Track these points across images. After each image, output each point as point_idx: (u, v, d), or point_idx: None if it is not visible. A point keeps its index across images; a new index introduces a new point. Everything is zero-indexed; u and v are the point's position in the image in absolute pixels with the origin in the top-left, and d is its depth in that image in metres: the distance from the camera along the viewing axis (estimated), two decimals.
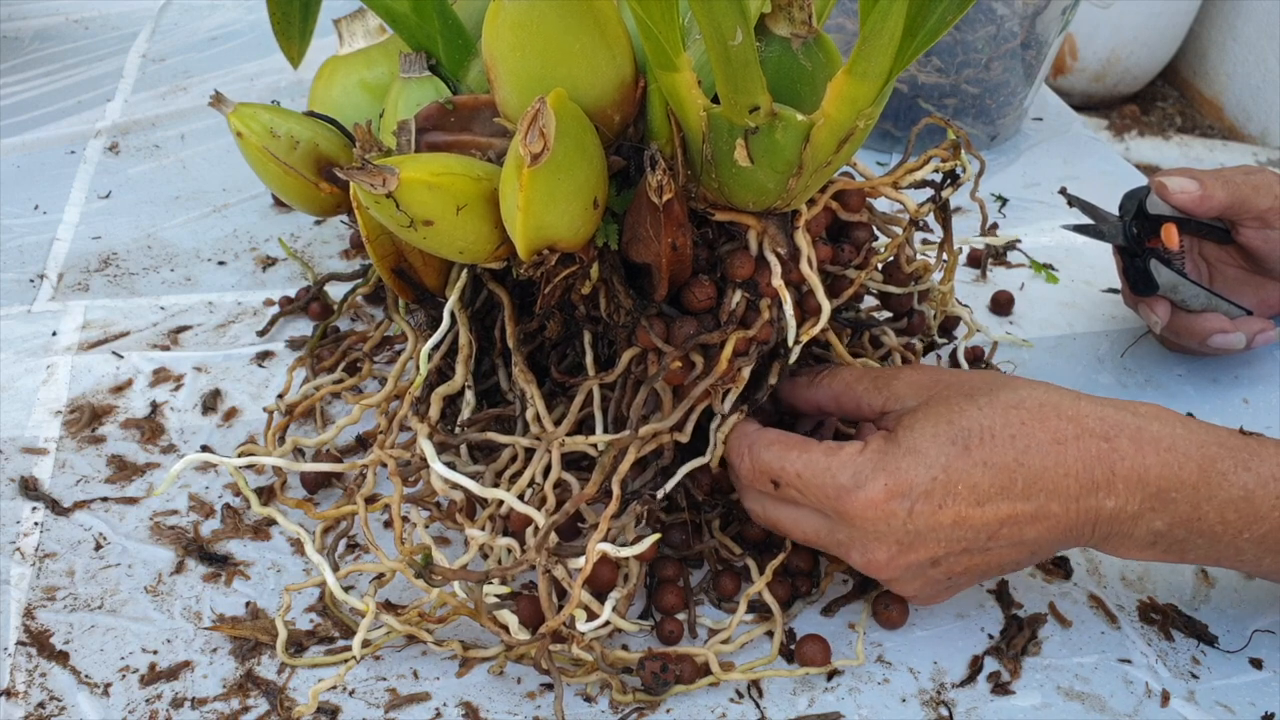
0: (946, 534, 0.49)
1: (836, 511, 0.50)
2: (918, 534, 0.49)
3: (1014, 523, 0.49)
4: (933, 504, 0.49)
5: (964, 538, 0.49)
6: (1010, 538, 0.50)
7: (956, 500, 0.49)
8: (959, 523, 0.49)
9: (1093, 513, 0.49)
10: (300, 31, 0.64)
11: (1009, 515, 0.49)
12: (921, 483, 0.49)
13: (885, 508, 0.49)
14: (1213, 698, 0.53)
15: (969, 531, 0.49)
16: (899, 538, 0.49)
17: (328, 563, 0.54)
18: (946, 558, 0.50)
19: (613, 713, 0.52)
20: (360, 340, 0.71)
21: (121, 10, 1.17)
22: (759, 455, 0.52)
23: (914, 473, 0.49)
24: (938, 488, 0.49)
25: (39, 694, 0.52)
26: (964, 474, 0.49)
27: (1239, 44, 2.25)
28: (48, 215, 0.86)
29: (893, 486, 0.49)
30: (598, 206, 0.48)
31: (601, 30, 0.47)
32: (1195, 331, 0.69)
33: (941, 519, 0.49)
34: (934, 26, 0.42)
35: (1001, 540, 0.50)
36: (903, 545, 0.50)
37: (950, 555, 0.50)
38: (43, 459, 0.64)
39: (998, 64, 0.90)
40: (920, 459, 0.49)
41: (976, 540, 0.49)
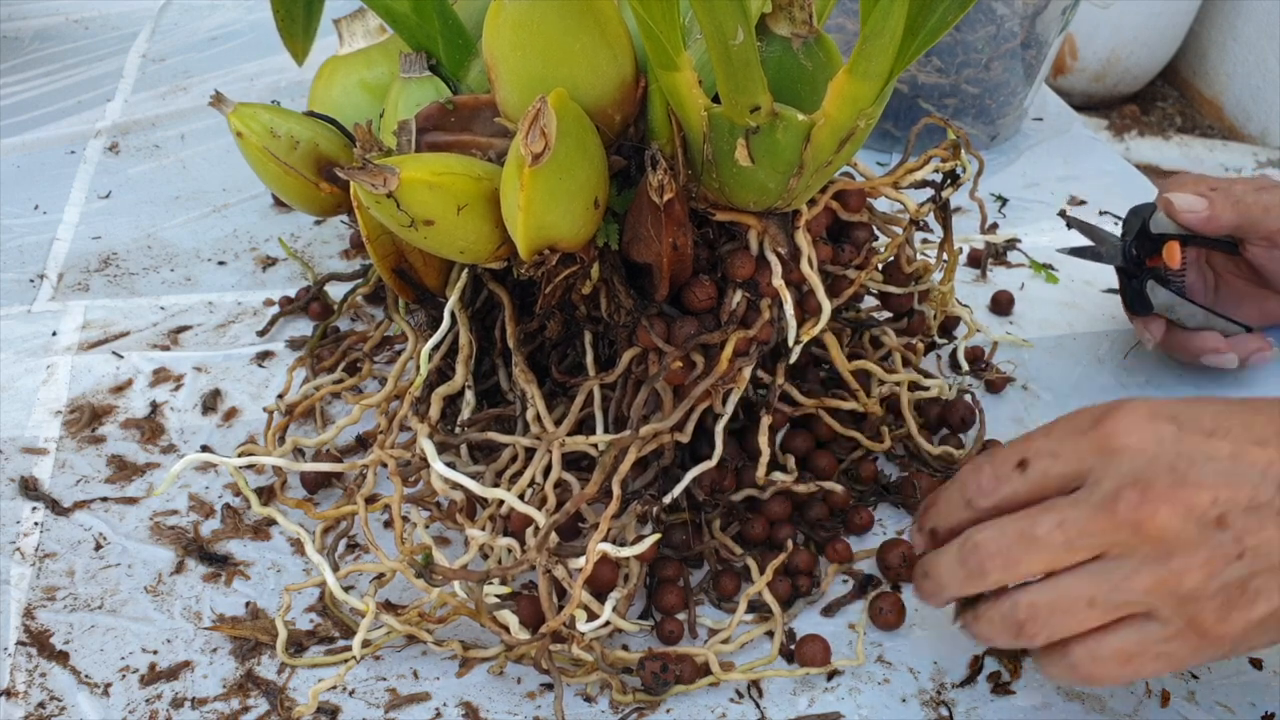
0: (1227, 470, 0.42)
1: (1097, 444, 0.44)
2: (1192, 462, 0.42)
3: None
4: (1203, 432, 0.43)
5: (1248, 479, 0.42)
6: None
7: (1231, 435, 0.43)
8: (1238, 457, 0.42)
9: None
10: (304, 29, 0.64)
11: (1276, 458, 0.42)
12: (1188, 413, 0.43)
13: (1152, 424, 0.43)
14: (1213, 698, 0.53)
15: (1253, 472, 0.42)
16: (1171, 462, 0.42)
17: (328, 563, 0.54)
18: (1234, 510, 0.42)
19: (613, 713, 0.52)
20: (360, 340, 0.71)
21: (121, 10, 1.17)
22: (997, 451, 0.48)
23: (1173, 404, 0.44)
24: (1205, 419, 0.43)
25: (39, 694, 0.52)
26: (1234, 413, 0.43)
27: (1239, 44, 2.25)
28: (48, 215, 0.85)
29: (1157, 408, 0.44)
30: (599, 206, 0.48)
31: (602, 30, 0.47)
32: (1189, 349, 0.69)
33: (1217, 449, 0.43)
34: (934, 26, 0.42)
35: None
36: (1177, 475, 0.42)
37: (1238, 506, 0.42)
38: (43, 459, 0.64)
39: (998, 64, 0.90)
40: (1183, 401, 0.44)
41: (1263, 488, 0.42)
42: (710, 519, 0.58)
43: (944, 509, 0.49)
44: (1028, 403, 0.70)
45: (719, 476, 0.57)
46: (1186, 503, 0.42)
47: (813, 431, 0.62)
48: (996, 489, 0.47)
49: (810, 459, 0.62)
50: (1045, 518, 0.45)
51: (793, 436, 0.62)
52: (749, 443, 0.60)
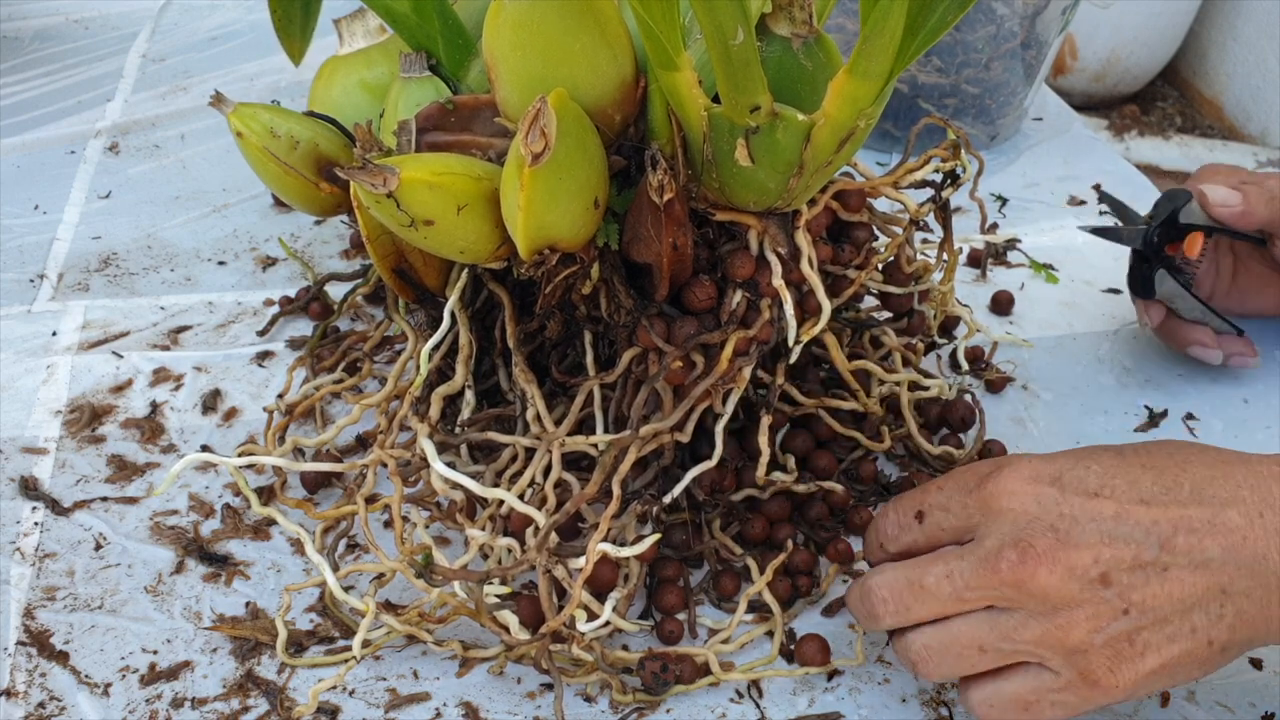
0: (1109, 530, 0.43)
1: (981, 503, 0.45)
2: (1074, 521, 0.43)
3: (1189, 529, 0.43)
4: (1086, 493, 0.44)
5: (1131, 537, 0.43)
6: (1189, 551, 0.43)
7: (1115, 494, 0.44)
8: (1121, 517, 0.43)
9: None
10: (301, 29, 0.64)
11: (1180, 518, 0.43)
12: (1071, 470, 0.44)
13: (1033, 487, 0.44)
14: (1213, 698, 0.53)
15: (1136, 530, 0.43)
16: (1053, 522, 0.44)
17: (328, 563, 0.54)
18: (1116, 568, 0.43)
19: (613, 713, 0.52)
20: (360, 340, 0.71)
21: (121, 10, 1.17)
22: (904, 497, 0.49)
23: (1061, 461, 0.45)
24: (1091, 477, 0.44)
25: (39, 694, 0.52)
26: (1120, 471, 0.44)
27: (1239, 44, 2.25)
28: (48, 215, 0.85)
29: (1040, 469, 0.45)
30: (598, 206, 0.48)
31: (602, 30, 0.47)
32: (1179, 339, 0.70)
33: (1100, 509, 0.44)
34: (935, 26, 0.42)
35: (1179, 553, 0.43)
36: (1059, 535, 0.43)
37: (1120, 565, 0.43)
38: (43, 459, 0.64)
39: (998, 64, 0.90)
40: (1068, 456, 0.45)
41: (1147, 545, 0.43)
42: (710, 519, 0.58)
43: (869, 549, 0.52)
44: (1028, 403, 0.70)
45: (719, 476, 0.57)
46: (1066, 563, 0.43)
47: (813, 431, 0.62)
48: (899, 536, 0.49)
49: (810, 459, 0.62)
50: (934, 568, 0.46)
51: (793, 436, 0.62)
52: (749, 443, 0.60)
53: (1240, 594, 0.43)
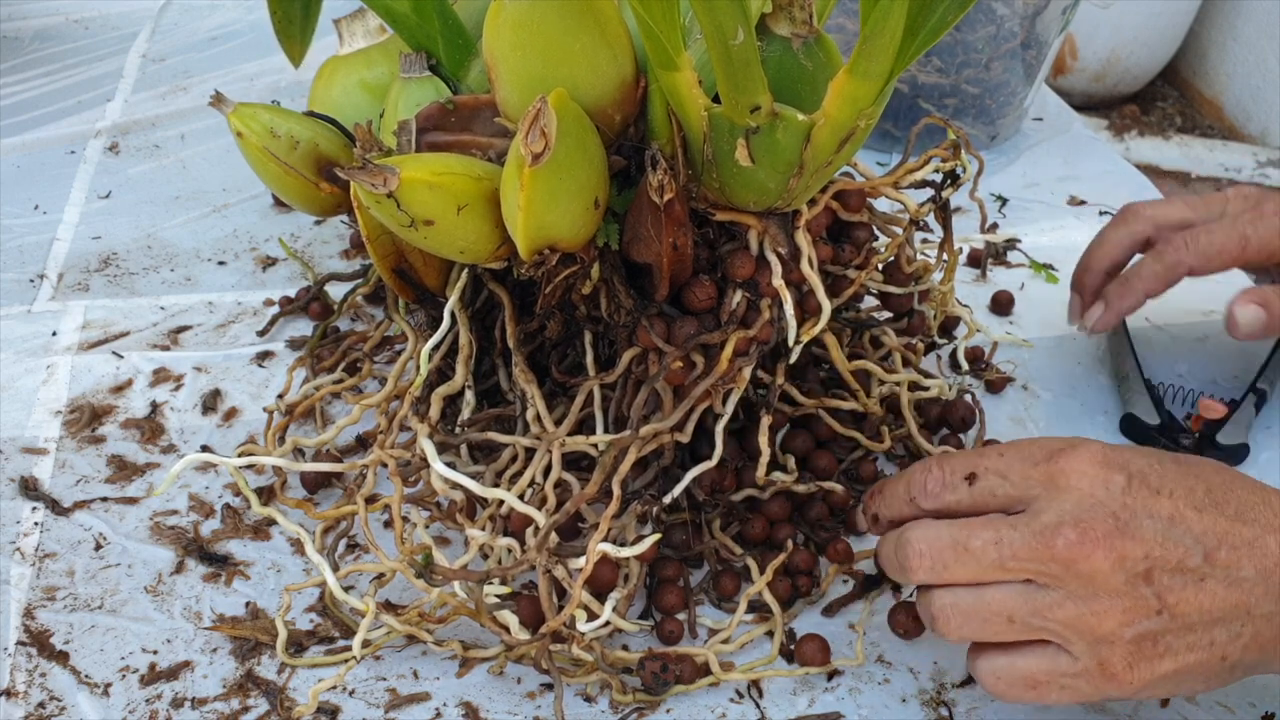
0: (1163, 529, 0.44)
1: (1047, 478, 0.46)
2: (1134, 515, 0.44)
3: (1232, 545, 0.44)
4: (1149, 489, 0.45)
5: (1181, 542, 0.44)
6: (1228, 566, 0.44)
7: (1174, 497, 0.45)
8: (1175, 519, 0.44)
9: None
10: (301, 31, 0.64)
11: (1226, 532, 0.44)
12: (1139, 464, 0.45)
13: (1104, 472, 0.45)
14: (1213, 698, 0.53)
15: (1187, 535, 0.44)
16: (1116, 510, 0.44)
17: (328, 563, 0.54)
18: (1162, 569, 0.44)
19: (613, 713, 0.52)
20: (360, 340, 0.71)
21: (121, 10, 1.17)
22: (951, 457, 0.49)
23: (1128, 454, 0.46)
24: (1155, 475, 0.45)
25: (39, 694, 0.52)
26: (1179, 477, 0.45)
27: (1239, 44, 2.25)
28: (48, 215, 0.85)
29: (1110, 456, 0.46)
30: (599, 206, 0.48)
31: (602, 30, 0.47)
32: None
33: (1159, 508, 0.44)
34: (935, 26, 0.42)
35: (1219, 566, 0.44)
36: (1119, 523, 0.44)
37: (1166, 566, 0.44)
38: (43, 459, 0.64)
39: (998, 64, 0.90)
40: (1132, 450, 0.46)
41: (1194, 552, 0.44)
42: (710, 519, 0.58)
43: (889, 499, 0.51)
44: (1028, 403, 0.70)
45: (719, 476, 0.57)
46: (1120, 552, 0.44)
47: (813, 431, 0.62)
48: (941, 494, 0.49)
49: (810, 459, 0.62)
50: (983, 532, 0.46)
51: (793, 436, 0.62)
52: (749, 443, 0.60)
53: (1261, 617, 0.45)
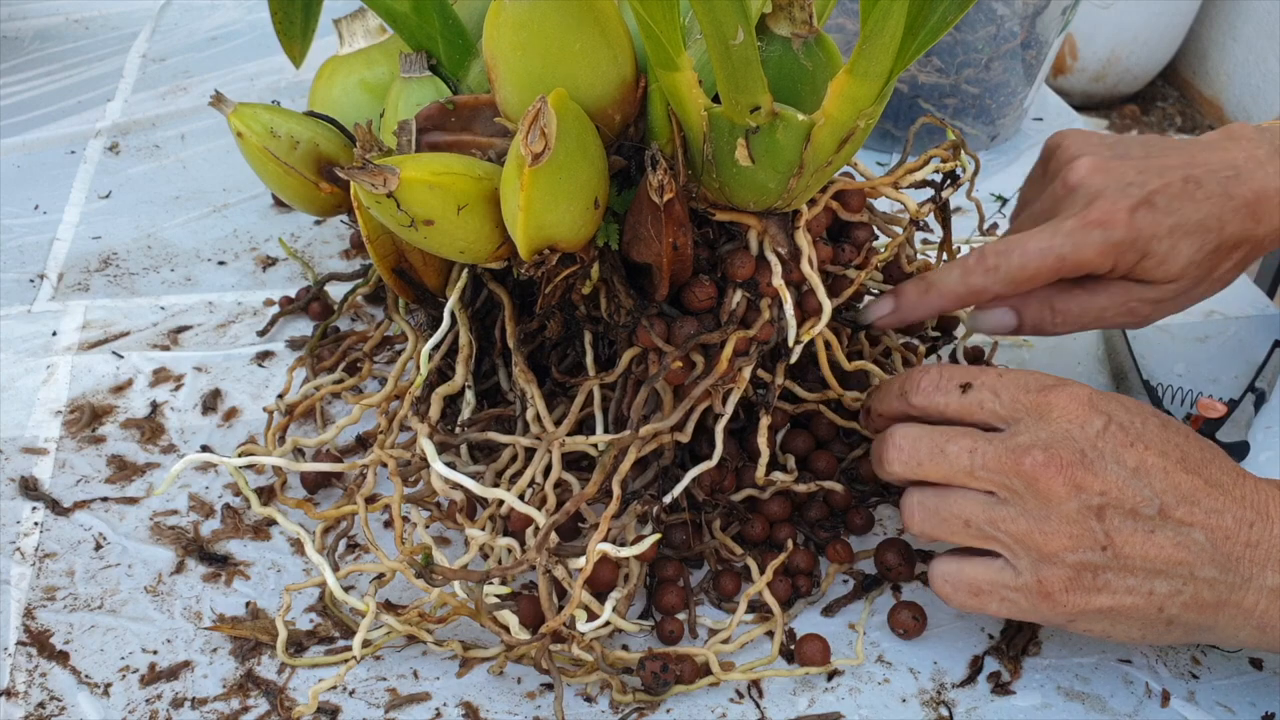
0: (1126, 475, 0.47)
1: (1036, 406, 0.49)
2: (1101, 455, 0.47)
3: (1190, 505, 0.47)
4: (1126, 437, 0.48)
5: (1141, 491, 0.47)
6: (1179, 526, 0.47)
7: (1147, 449, 0.48)
8: (1141, 470, 0.47)
9: (1264, 549, 0.47)
10: (302, 31, 0.63)
11: (1189, 493, 0.47)
12: (1121, 415, 0.48)
13: (1086, 411, 0.48)
14: (1213, 698, 0.53)
15: (1147, 487, 0.47)
16: (1085, 448, 0.47)
17: (328, 563, 0.54)
18: (1115, 509, 0.47)
19: (613, 713, 0.52)
20: (360, 340, 0.71)
21: (121, 10, 1.17)
22: (952, 366, 0.53)
23: (1115, 405, 0.49)
24: (1133, 428, 0.48)
25: (39, 694, 0.52)
26: (1157, 435, 0.48)
27: (1239, 44, 2.25)
28: (48, 215, 0.85)
29: (1095, 399, 0.49)
30: (599, 206, 0.48)
31: (602, 30, 0.47)
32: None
33: (1128, 455, 0.47)
34: (935, 26, 0.42)
35: (1171, 523, 0.47)
36: (1085, 458, 0.47)
37: (1120, 508, 0.47)
38: (43, 459, 0.64)
39: (998, 64, 0.90)
40: (1122, 404, 0.49)
41: (1149, 504, 0.47)
42: (710, 519, 0.58)
43: (883, 393, 0.55)
44: None
45: (719, 476, 0.57)
46: (1078, 482, 0.47)
47: (813, 431, 0.62)
48: (932, 394, 0.52)
49: (810, 459, 0.62)
50: (961, 440, 0.50)
51: (792, 436, 0.62)
52: (749, 443, 0.60)
53: (1203, 580, 0.47)
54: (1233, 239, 0.59)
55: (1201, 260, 0.58)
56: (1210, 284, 0.61)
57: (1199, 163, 0.60)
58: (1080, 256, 0.57)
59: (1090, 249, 0.57)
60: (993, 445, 0.49)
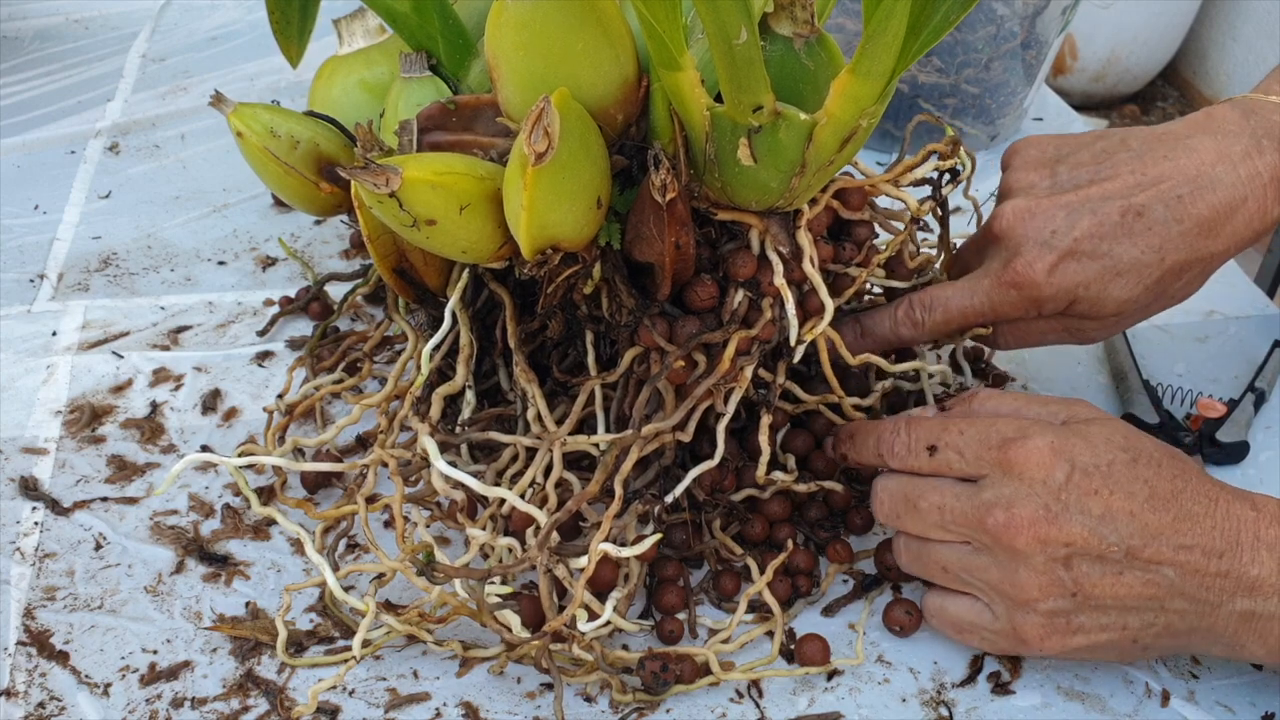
0: (1092, 524, 0.48)
1: (998, 462, 0.50)
2: (1065, 507, 0.48)
3: (1157, 542, 0.48)
4: (1090, 484, 0.48)
5: (1106, 537, 0.48)
6: (1148, 566, 0.48)
7: (1112, 495, 0.48)
8: (1106, 516, 0.48)
9: (1233, 579, 0.47)
10: (299, 31, 0.63)
11: (1157, 533, 0.48)
12: (1085, 460, 0.49)
13: (1048, 462, 0.49)
14: (1213, 698, 0.53)
15: (1114, 533, 0.48)
16: (1048, 501, 0.48)
17: (328, 563, 0.54)
18: (1082, 558, 0.48)
19: (613, 713, 0.52)
20: (360, 340, 0.71)
21: (121, 10, 1.17)
22: (919, 424, 0.53)
23: (1080, 449, 0.49)
24: (1098, 474, 0.49)
25: (39, 694, 0.52)
26: (1124, 480, 0.49)
27: (1239, 44, 2.25)
28: (48, 215, 0.85)
29: (1059, 447, 0.49)
30: (601, 206, 0.48)
31: (605, 29, 0.47)
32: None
33: (1092, 505, 0.48)
34: (937, 26, 0.42)
35: (1139, 564, 0.48)
36: (1049, 512, 0.48)
37: (1087, 555, 0.48)
38: (43, 459, 0.64)
39: (998, 64, 0.90)
40: (1089, 444, 0.49)
41: (1116, 549, 0.48)
42: (710, 519, 0.58)
43: (859, 447, 0.57)
44: None
45: (719, 476, 0.57)
46: (1043, 537, 0.48)
47: (813, 431, 0.62)
48: (905, 458, 0.53)
49: (810, 459, 0.61)
50: (932, 496, 0.52)
51: (793, 436, 0.62)
52: (749, 442, 0.60)
53: (1174, 612, 0.49)
54: (1178, 265, 0.57)
55: (1140, 294, 0.58)
56: (1164, 301, 0.60)
57: (1150, 180, 0.57)
58: (999, 312, 0.59)
59: (1007, 306, 0.58)
60: (960, 502, 0.51)
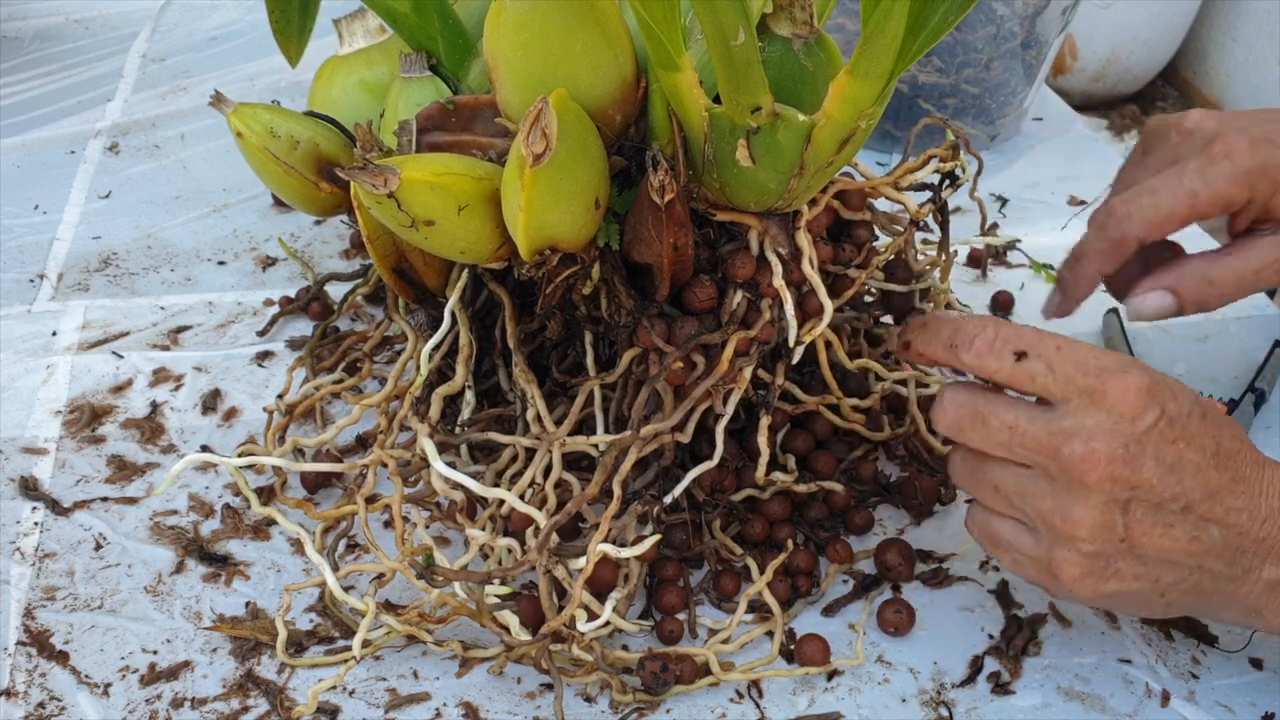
0: (1163, 472, 0.47)
1: (1090, 390, 0.47)
2: (1144, 450, 0.47)
3: (1213, 500, 0.47)
4: (1172, 433, 0.47)
5: (1169, 489, 0.47)
6: (1198, 523, 0.47)
7: (1188, 443, 0.47)
8: (1177, 466, 0.47)
9: (1268, 545, 0.47)
10: (299, 30, 0.63)
11: (1215, 490, 0.47)
12: (1172, 409, 0.47)
13: (1142, 403, 0.47)
14: (1213, 698, 0.53)
15: (1178, 484, 0.47)
16: (1129, 442, 0.46)
17: (328, 563, 0.54)
18: (1141, 504, 0.47)
19: (613, 713, 0.52)
20: (360, 340, 0.71)
21: (121, 10, 1.17)
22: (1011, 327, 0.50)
23: (1170, 396, 0.48)
24: (1180, 423, 0.47)
25: (39, 694, 0.52)
26: (1198, 434, 0.48)
27: (1239, 44, 2.25)
28: (48, 215, 0.85)
29: (1154, 390, 0.47)
30: (599, 207, 0.48)
31: (603, 30, 0.47)
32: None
33: (1167, 453, 0.47)
34: (936, 26, 0.42)
35: (1192, 518, 0.47)
36: (1128, 452, 0.46)
37: (1146, 503, 0.47)
38: (43, 459, 0.64)
39: (998, 64, 0.90)
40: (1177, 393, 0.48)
41: (1176, 500, 0.47)
42: (710, 519, 0.58)
43: (930, 336, 0.52)
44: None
45: (719, 476, 0.57)
46: (1115, 476, 0.47)
47: (813, 431, 0.62)
48: (984, 357, 0.50)
49: (810, 459, 0.62)
50: (1005, 414, 0.49)
51: (793, 436, 0.62)
52: (749, 443, 0.60)
53: (1208, 573, 0.48)
54: None
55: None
56: None
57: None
58: (1213, 189, 0.57)
59: (1220, 180, 0.57)
60: (1034, 425, 0.48)
